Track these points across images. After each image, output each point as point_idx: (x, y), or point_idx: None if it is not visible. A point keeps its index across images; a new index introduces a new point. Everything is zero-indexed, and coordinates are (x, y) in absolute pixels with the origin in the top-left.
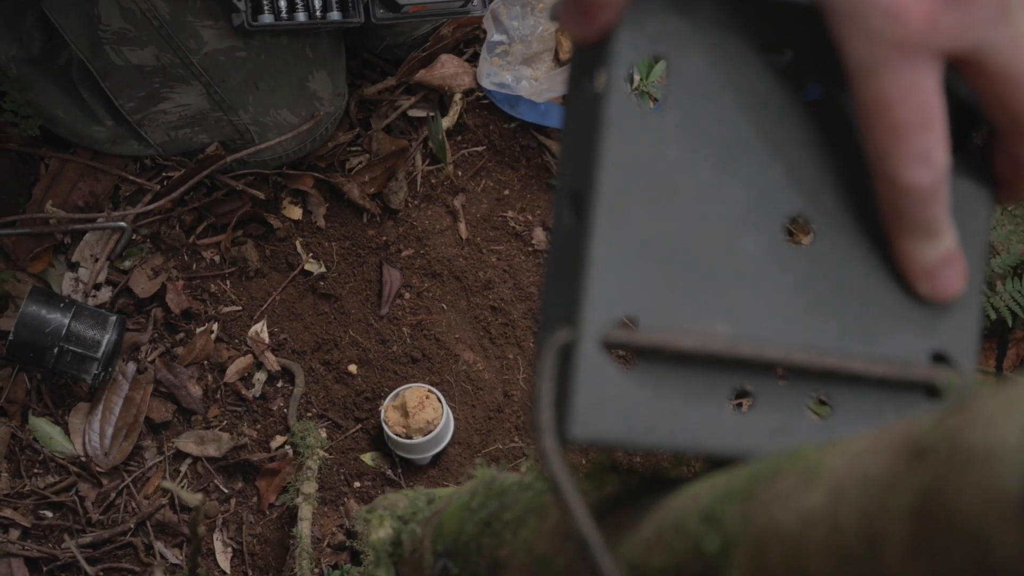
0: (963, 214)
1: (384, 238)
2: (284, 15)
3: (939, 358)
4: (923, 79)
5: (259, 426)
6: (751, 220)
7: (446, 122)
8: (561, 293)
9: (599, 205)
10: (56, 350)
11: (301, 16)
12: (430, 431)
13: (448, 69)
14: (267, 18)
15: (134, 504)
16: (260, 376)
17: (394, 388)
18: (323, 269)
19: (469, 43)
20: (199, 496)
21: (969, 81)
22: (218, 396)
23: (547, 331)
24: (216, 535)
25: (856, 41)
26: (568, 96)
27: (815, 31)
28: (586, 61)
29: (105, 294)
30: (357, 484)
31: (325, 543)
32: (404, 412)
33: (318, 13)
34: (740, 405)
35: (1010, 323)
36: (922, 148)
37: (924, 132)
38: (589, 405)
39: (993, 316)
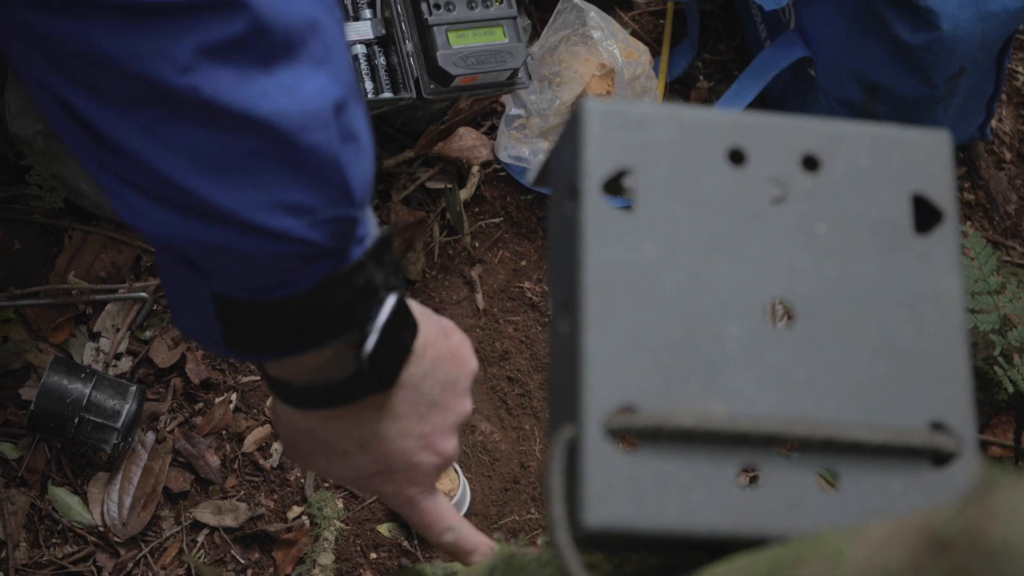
0: (933, 291)
1: None
2: None
3: (937, 428)
4: None
5: (276, 496)
6: (734, 307)
7: (464, 194)
8: (563, 392)
9: (587, 302)
10: (77, 420)
11: None
12: None
13: (466, 142)
14: None
15: (151, 575)
16: (278, 446)
17: None
18: None
19: (487, 116)
20: (218, 570)
21: None
22: (236, 466)
23: (555, 429)
24: None
25: None
26: (549, 215)
27: None
28: (562, 182)
29: (126, 364)
30: (374, 555)
31: None
32: None
33: (370, 95)
34: (750, 484)
35: None
36: None
37: None
38: (599, 492)
39: (1011, 389)
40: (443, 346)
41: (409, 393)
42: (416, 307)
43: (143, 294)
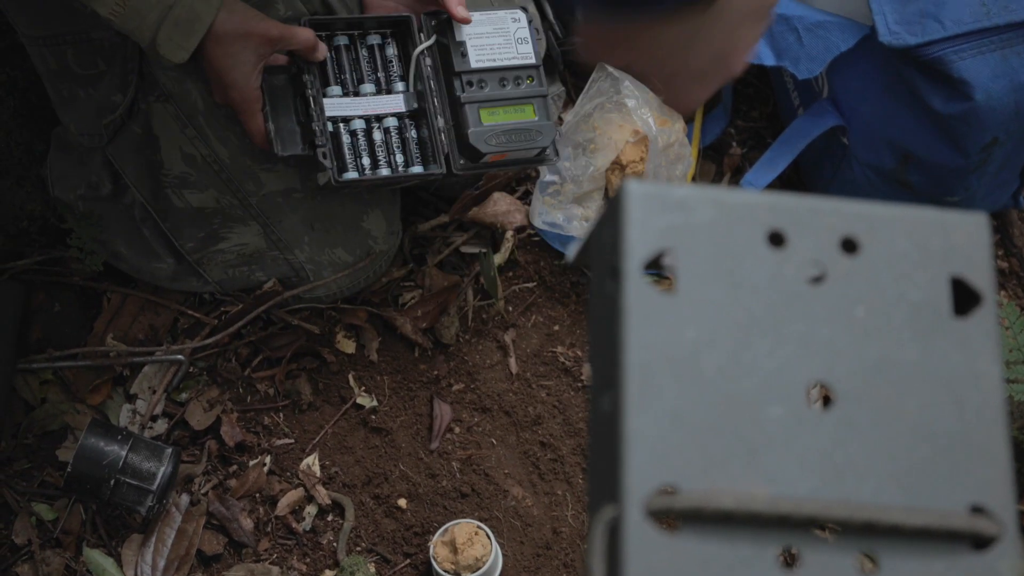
0: (972, 374)
1: (435, 372)
2: (368, 171)
3: (977, 511)
4: None
5: (308, 560)
6: (774, 389)
7: (498, 258)
8: (604, 470)
9: (628, 386)
10: (113, 482)
11: (384, 171)
12: (479, 568)
13: (500, 207)
14: (352, 175)
15: None
16: (311, 509)
17: (443, 523)
18: (375, 403)
19: (521, 181)
20: None
21: None
22: (269, 529)
23: (595, 509)
24: None
25: None
26: (591, 297)
27: None
28: (603, 262)
29: (161, 426)
30: None
31: None
32: (453, 548)
33: (400, 168)
34: (790, 567)
35: None
36: None
37: None
38: (641, 574)
39: None
40: None
41: None
42: None
43: (180, 356)
